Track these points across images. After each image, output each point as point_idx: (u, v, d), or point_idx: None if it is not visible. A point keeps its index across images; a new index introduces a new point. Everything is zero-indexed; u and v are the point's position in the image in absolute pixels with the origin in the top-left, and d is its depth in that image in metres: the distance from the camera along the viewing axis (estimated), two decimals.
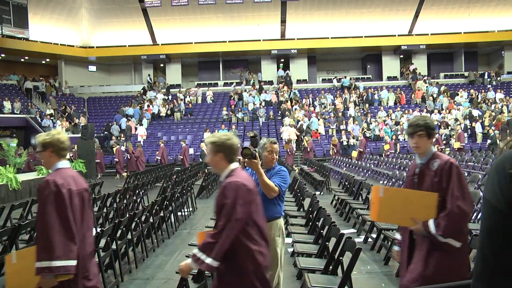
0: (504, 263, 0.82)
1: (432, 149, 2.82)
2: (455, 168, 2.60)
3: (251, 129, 22.28)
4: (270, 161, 3.64)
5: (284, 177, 3.59)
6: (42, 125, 21.65)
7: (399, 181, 10.18)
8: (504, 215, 0.83)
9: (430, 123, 2.84)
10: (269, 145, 3.67)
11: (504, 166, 0.87)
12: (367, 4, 27.18)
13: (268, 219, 3.39)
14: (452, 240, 2.55)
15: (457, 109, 22.18)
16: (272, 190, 3.44)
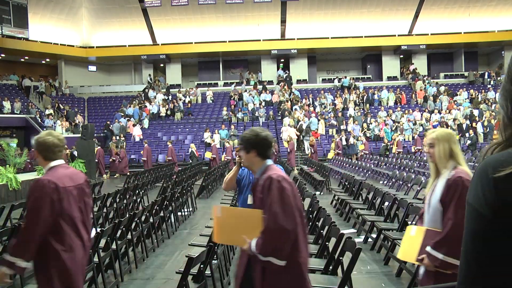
0: (486, 268, 0.82)
1: (264, 164, 2.62)
2: (276, 183, 2.42)
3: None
4: None
5: None
6: (44, 125, 21.67)
7: (399, 181, 10.18)
8: (487, 220, 0.83)
9: (250, 137, 2.63)
10: None
11: (486, 171, 0.85)
12: (367, 4, 27.18)
13: None
14: (273, 259, 2.35)
15: (457, 109, 22.18)
16: None
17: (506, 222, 0.81)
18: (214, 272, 3.93)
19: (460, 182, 2.43)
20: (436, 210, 2.53)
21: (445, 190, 2.48)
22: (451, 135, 2.64)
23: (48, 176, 2.73)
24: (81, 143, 17.06)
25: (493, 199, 0.83)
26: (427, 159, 3.27)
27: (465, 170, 2.54)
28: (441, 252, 2.41)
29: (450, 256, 2.38)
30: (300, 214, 2.50)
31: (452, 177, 2.47)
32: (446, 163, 2.57)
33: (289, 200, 2.44)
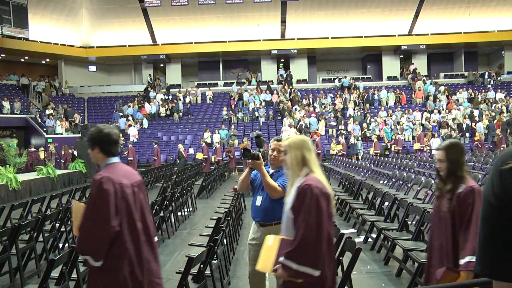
0: (493, 249, 0.94)
1: (107, 161, 2.61)
2: (97, 184, 2.46)
3: (251, 130, 22.29)
4: (275, 159, 3.54)
5: None
6: (46, 125, 21.68)
7: (399, 181, 10.18)
8: (494, 207, 0.94)
9: (93, 134, 2.62)
10: (273, 143, 3.60)
11: (497, 164, 0.96)
12: (367, 4, 27.19)
13: (275, 221, 3.39)
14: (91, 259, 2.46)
15: (457, 109, 22.18)
16: (274, 191, 3.36)
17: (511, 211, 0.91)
18: (214, 272, 3.93)
19: (309, 189, 2.35)
20: (288, 218, 2.46)
21: (295, 198, 2.40)
22: (304, 142, 2.54)
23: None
24: (81, 143, 17.08)
25: (500, 189, 0.93)
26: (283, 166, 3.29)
27: (316, 177, 2.45)
28: (294, 262, 2.32)
29: (303, 264, 2.30)
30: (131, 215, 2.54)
31: (301, 185, 2.39)
32: (299, 171, 2.50)
33: (99, 203, 2.43)
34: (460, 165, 2.62)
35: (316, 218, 2.32)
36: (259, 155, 3.33)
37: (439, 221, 2.71)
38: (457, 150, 2.64)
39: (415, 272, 4.22)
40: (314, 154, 2.57)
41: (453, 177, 2.59)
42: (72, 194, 8.77)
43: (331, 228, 2.43)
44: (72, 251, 3.64)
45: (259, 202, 3.48)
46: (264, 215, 3.44)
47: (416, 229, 5.00)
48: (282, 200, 3.34)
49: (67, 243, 6.03)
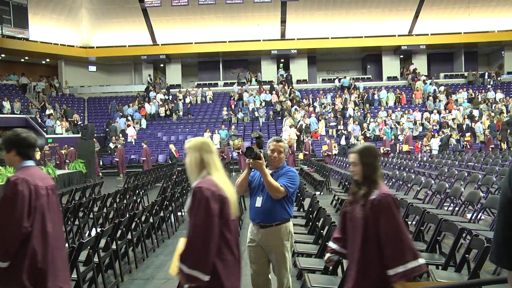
0: (506, 236, 1.08)
1: (22, 164, 2.66)
2: (12, 185, 2.50)
3: (251, 130, 22.29)
4: (274, 160, 3.53)
5: (291, 178, 3.48)
6: (45, 125, 21.67)
7: (399, 181, 10.18)
8: (509, 200, 1.09)
9: (10, 137, 2.66)
10: (272, 143, 3.57)
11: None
12: (367, 4, 27.19)
13: (275, 222, 3.39)
14: None
15: (457, 109, 22.18)
16: (276, 191, 3.35)
17: None
18: None
19: (199, 192, 2.31)
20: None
21: (191, 201, 2.36)
22: (203, 144, 2.48)
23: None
24: (81, 143, 17.07)
25: None
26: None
27: (211, 179, 2.39)
28: (185, 265, 2.26)
29: (193, 268, 2.24)
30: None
31: (193, 188, 2.36)
32: (197, 173, 2.44)
33: (13, 203, 2.47)
34: (374, 169, 2.51)
35: (205, 221, 2.25)
36: (261, 155, 3.32)
37: (352, 227, 2.56)
38: (371, 154, 2.54)
39: None
40: (215, 156, 2.49)
41: (368, 181, 2.49)
42: (72, 194, 8.77)
43: (229, 233, 2.36)
44: (72, 251, 3.64)
45: (260, 203, 3.44)
46: (265, 216, 3.41)
47: (416, 229, 4.99)
48: (283, 201, 3.41)
49: (67, 243, 6.03)
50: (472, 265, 3.91)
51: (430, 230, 5.94)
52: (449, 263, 4.00)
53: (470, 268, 3.93)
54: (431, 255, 4.37)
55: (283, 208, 3.44)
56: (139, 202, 9.23)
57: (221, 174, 2.47)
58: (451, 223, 4.38)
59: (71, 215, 6.56)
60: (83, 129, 17.53)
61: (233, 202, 2.42)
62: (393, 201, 2.42)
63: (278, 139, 3.60)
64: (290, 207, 3.49)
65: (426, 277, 4.30)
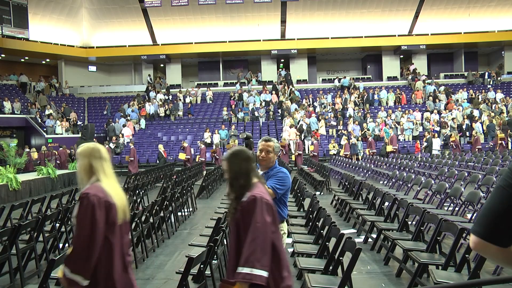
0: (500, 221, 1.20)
1: None
2: None
3: (251, 130, 22.28)
4: (262, 160, 3.41)
5: (280, 179, 3.35)
6: (45, 125, 21.67)
7: (399, 181, 10.18)
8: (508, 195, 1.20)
9: None
10: (260, 143, 3.45)
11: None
12: (367, 4, 27.19)
13: None
14: None
15: (457, 109, 22.18)
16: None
17: None
18: (214, 272, 3.93)
19: (85, 198, 2.33)
20: None
21: (78, 207, 2.37)
22: (93, 150, 2.49)
23: None
24: (81, 143, 17.03)
25: None
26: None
27: (99, 186, 2.40)
28: (68, 268, 2.28)
29: (74, 272, 2.26)
30: None
31: (80, 194, 2.38)
32: (87, 179, 2.46)
33: None
34: (243, 173, 2.47)
35: (89, 226, 2.28)
36: None
37: (231, 230, 2.58)
38: (239, 158, 2.50)
39: (415, 272, 4.22)
40: (105, 163, 2.49)
41: (238, 186, 2.46)
42: (72, 194, 8.77)
43: (114, 238, 2.37)
44: None
45: None
46: None
47: (416, 229, 4.99)
48: (274, 202, 3.23)
49: (67, 243, 6.04)
50: (472, 265, 3.91)
51: (430, 230, 5.95)
52: (449, 263, 4.00)
53: (470, 268, 3.93)
54: (431, 255, 4.37)
55: (279, 209, 3.34)
56: (139, 202, 9.22)
57: (110, 180, 2.47)
58: (451, 223, 4.38)
59: (71, 215, 6.56)
60: (83, 129, 17.53)
61: (121, 208, 2.43)
62: (261, 203, 2.33)
63: (266, 139, 3.48)
64: (283, 209, 3.39)
65: (426, 277, 4.31)
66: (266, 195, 2.39)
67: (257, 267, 2.23)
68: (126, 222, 2.52)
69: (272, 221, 2.35)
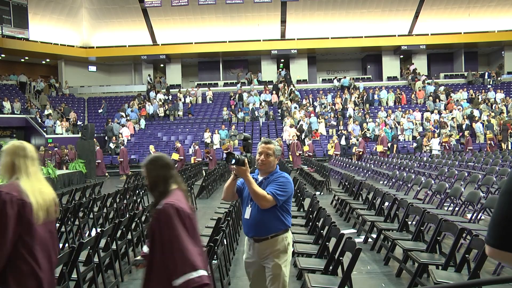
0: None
1: None
2: None
3: (251, 130, 22.28)
4: (261, 164, 3.14)
5: (282, 184, 3.07)
6: (44, 125, 21.67)
7: (399, 181, 10.19)
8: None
9: None
10: (260, 145, 3.18)
11: None
12: (367, 4, 27.19)
13: (271, 234, 3.06)
14: None
15: (457, 109, 22.19)
16: (263, 200, 2.98)
17: None
18: (214, 272, 3.93)
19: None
20: None
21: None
22: (17, 148, 2.43)
23: None
24: (81, 143, 17.07)
25: None
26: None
27: (15, 184, 2.32)
28: None
29: None
30: None
31: None
32: (8, 177, 2.41)
33: None
34: (160, 180, 2.44)
35: (0, 225, 2.21)
36: (244, 161, 2.95)
37: (148, 237, 2.52)
38: (156, 165, 2.47)
39: (415, 272, 4.22)
40: (29, 161, 2.43)
41: (156, 192, 2.43)
42: (72, 194, 8.77)
43: (31, 239, 2.27)
44: (72, 251, 3.65)
45: (248, 215, 3.10)
46: (257, 229, 3.07)
47: (416, 229, 5.00)
48: (276, 210, 3.06)
49: (67, 243, 6.04)
50: (472, 265, 3.91)
51: (430, 230, 5.95)
52: (449, 263, 4.01)
53: (470, 268, 3.93)
54: (431, 255, 4.37)
55: (276, 218, 3.08)
56: (139, 202, 9.22)
57: (32, 179, 2.41)
58: (451, 223, 4.38)
59: (71, 215, 6.56)
60: (83, 129, 17.51)
61: (42, 207, 2.35)
62: (176, 211, 2.29)
63: (266, 141, 3.21)
64: (286, 217, 3.13)
65: (426, 277, 4.31)
66: (180, 203, 2.33)
67: (188, 271, 2.19)
68: (52, 221, 2.43)
69: (186, 228, 2.28)
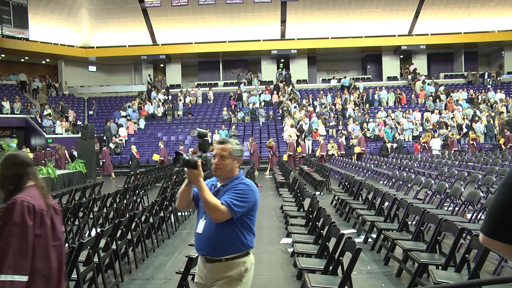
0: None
1: None
2: None
3: (251, 130, 22.26)
4: (217, 169, 2.58)
5: (240, 193, 2.48)
6: (43, 125, 21.67)
7: (399, 181, 10.18)
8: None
9: None
10: (215, 147, 2.63)
11: None
12: (367, 4, 27.19)
13: (225, 256, 2.48)
14: None
15: (457, 109, 22.18)
16: (214, 210, 2.41)
17: None
18: None
19: None
20: None
21: None
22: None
23: None
24: (81, 143, 17.07)
25: None
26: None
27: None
28: None
29: None
30: None
31: None
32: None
33: None
34: (12, 178, 2.41)
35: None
36: (196, 163, 2.42)
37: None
38: (9, 163, 2.45)
39: (415, 272, 4.22)
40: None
41: (6, 190, 2.41)
42: (72, 194, 8.77)
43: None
44: (72, 251, 3.64)
45: (201, 229, 2.55)
46: (210, 248, 2.50)
47: (416, 229, 4.99)
48: (235, 227, 2.49)
49: (67, 243, 6.03)
50: (472, 265, 3.91)
51: (430, 230, 5.95)
52: (449, 263, 4.00)
53: (470, 268, 3.93)
54: (431, 255, 4.37)
55: (234, 237, 2.49)
56: (139, 202, 9.22)
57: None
58: (451, 223, 4.38)
59: (71, 215, 6.56)
60: (83, 129, 17.52)
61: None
62: (20, 208, 2.24)
63: (221, 140, 2.63)
64: (246, 236, 2.52)
65: (426, 277, 4.31)
66: (33, 200, 2.29)
67: (9, 272, 2.12)
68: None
69: (38, 225, 2.24)
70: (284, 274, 5.07)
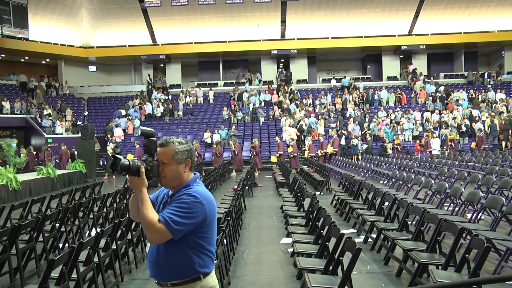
0: None
1: None
2: None
3: (251, 130, 22.25)
4: (161, 178, 2.15)
5: (182, 207, 2.01)
6: (43, 125, 21.66)
7: (399, 181, 10.18)
8: None
9: None
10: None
11: None
12: (367, 4, 27.19)
13: (171, 280, 2.08)
14: None
15: (456, 109, 22.18)
16: (149, 230, 1.98)
17: None
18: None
19: None
20: None
21: None
22: None
23: None
24: (81, 143, 17.07)
25: None
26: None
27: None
28: None
29: None
30: None
31: None
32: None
33: None
34: None
35: None
36: (139, 169, 2.04)
37: None
38: None
39: (415, 272, 4.22)
40: None
41: None
42: (72, 194, 8.77)
43: None
44: (72, 251, 3.64)
45: (148, 248, 2.20)
46: (156, 271, 2.12)
47: (416, 229, 4.99)
48: (186, 247, 2.05)
49: (67, 243, 6.03)
50: (472, 265, 3.91)
51: (430, 230, 5.95)
52: (449, 263, 4.00)
53: (470, 268, 3.93)
54: (431, 255, 4.37)
55: (184, 258, 2.06)
56: None
57: None
58: (451, 223, 4.38)
59: (71, 215, 6.56)
60: (83, 129, 17.51)
61: None
62: None
63: (161, 143, 2.19)
64: (200, 257, 2.07)
65: (426, 277, 4.31)
66: None
67: None
68: None
69: None
70: (284, 274, 5.07)
